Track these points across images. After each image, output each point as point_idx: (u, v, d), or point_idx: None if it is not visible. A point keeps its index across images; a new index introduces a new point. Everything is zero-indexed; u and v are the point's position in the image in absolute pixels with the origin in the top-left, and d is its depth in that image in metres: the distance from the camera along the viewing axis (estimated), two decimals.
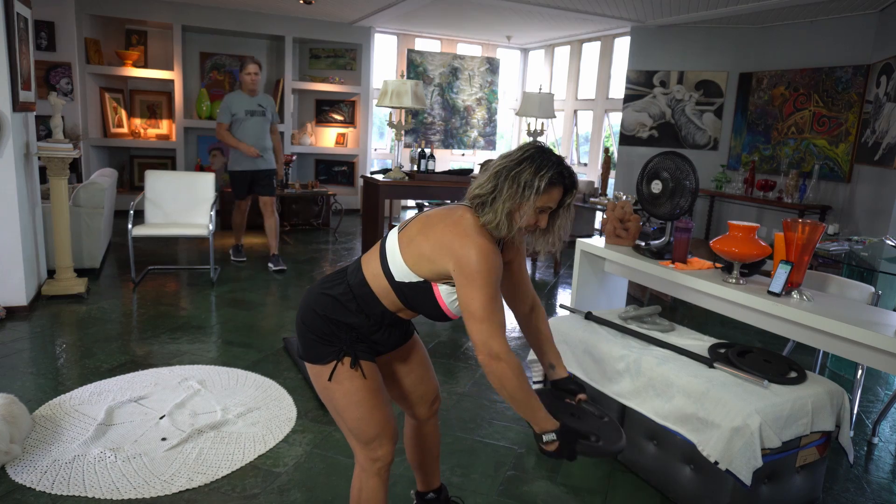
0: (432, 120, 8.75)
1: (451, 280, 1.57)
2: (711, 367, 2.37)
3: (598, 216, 7.50)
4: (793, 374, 2.30)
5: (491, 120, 9.16)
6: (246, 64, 5.13)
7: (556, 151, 1.61)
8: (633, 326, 2.79)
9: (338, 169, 8.76)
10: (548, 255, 1.71)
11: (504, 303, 1.65)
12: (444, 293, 1.60)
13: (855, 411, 3.01)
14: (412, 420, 1.97)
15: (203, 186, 5.11)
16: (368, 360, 1.66)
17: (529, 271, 5.99)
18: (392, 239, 1.64)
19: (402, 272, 1.59)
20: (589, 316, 2.89)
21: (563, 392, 1.80)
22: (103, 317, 3.99)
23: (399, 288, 1.60)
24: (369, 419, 1.63)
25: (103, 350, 3.45)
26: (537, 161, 1.54)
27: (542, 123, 6.19)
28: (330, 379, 1.62)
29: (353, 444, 1.70)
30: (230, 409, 2.83)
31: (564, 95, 8.86)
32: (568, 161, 1.60)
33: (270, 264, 5.40)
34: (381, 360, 1.80)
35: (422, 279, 1.59)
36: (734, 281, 2.59)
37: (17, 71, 3.75)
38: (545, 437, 1.54)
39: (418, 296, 1.61)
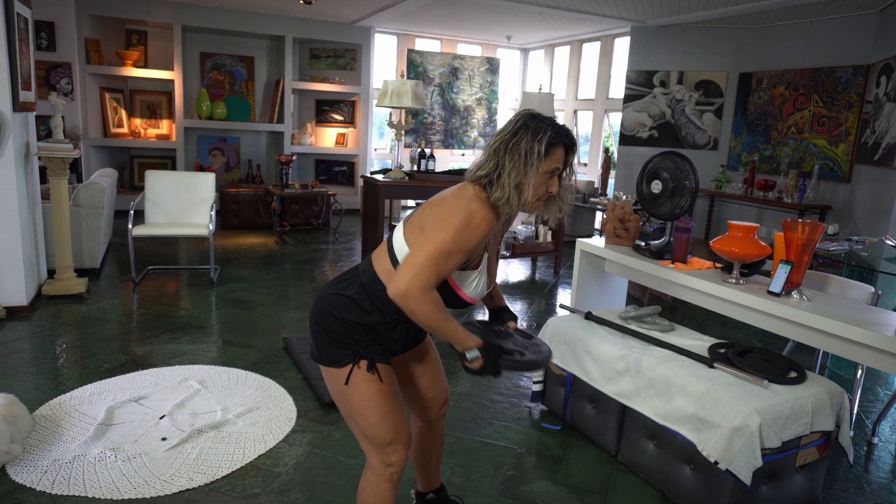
0: (432, 120, 8.75)
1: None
2: (711, 367, 2.37)
3: (598, 216, 7.51)
4: (793, 374, 2.31)
5: (491, 120, 9.16)
6: None
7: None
8: (633, 326, 2.79)
9: (338, 169, 8.77)
10: (556, 222, 1.70)
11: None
12: (455, 278, 1.58)
13: (855, 411, 3.01)
14: (420, 422, 1.96)
15: (203, 186, 5.11)
16: (384, 362, 1.64)
17: (529, 272, 6.00)
18: (398, 230, 1.62)
19: None
20: (589, 316, 2.89)
21: (496, 322, 1.85)
22: (103, 317, 3.99)
23: None
24: (384, 424, 1.61)
25: (103, 350, 3.45)
26: (532, 127, 1.53)
27: None
28: (346, 382, 1.60)
29: (366, 449, 1.67)
30: (230, 409, 2.83)
31: (564, 95, 8.86)
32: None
33: None
34: (397, 362, 1.78)
35: None
36: (734, 281, 2.59)
37: (17, 71, 3.75)
38: (468, 355, 1.53)
39: None
